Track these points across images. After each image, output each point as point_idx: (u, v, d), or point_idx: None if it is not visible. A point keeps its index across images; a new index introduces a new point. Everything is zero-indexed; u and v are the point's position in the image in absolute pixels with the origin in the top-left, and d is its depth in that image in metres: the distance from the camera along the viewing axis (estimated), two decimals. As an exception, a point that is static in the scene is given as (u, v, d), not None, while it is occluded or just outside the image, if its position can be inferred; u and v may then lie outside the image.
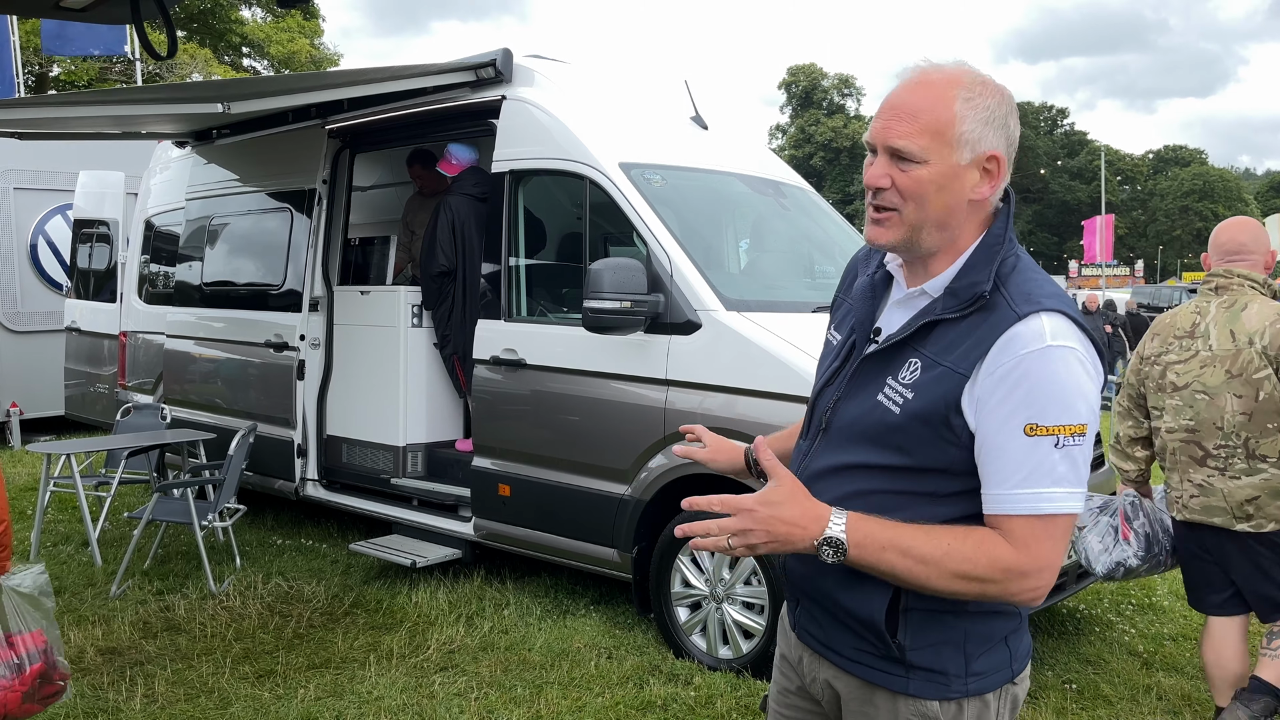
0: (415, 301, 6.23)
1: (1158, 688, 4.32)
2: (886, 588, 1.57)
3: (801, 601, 1.77)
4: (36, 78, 24.99)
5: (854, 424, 1.64)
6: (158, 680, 4.30)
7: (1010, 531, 1.49)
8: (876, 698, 1.65)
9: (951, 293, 1.57)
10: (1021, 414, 1.47)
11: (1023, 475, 1.48)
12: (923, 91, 1.55)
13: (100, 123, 6.85)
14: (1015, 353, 1.48)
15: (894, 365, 1.60)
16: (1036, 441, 1.46)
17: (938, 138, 1.53)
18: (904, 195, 1.55)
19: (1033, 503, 1.48)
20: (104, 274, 9.52)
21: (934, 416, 1.53)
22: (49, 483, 6.45)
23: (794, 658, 1.84)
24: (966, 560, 1.48)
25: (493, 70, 5.48)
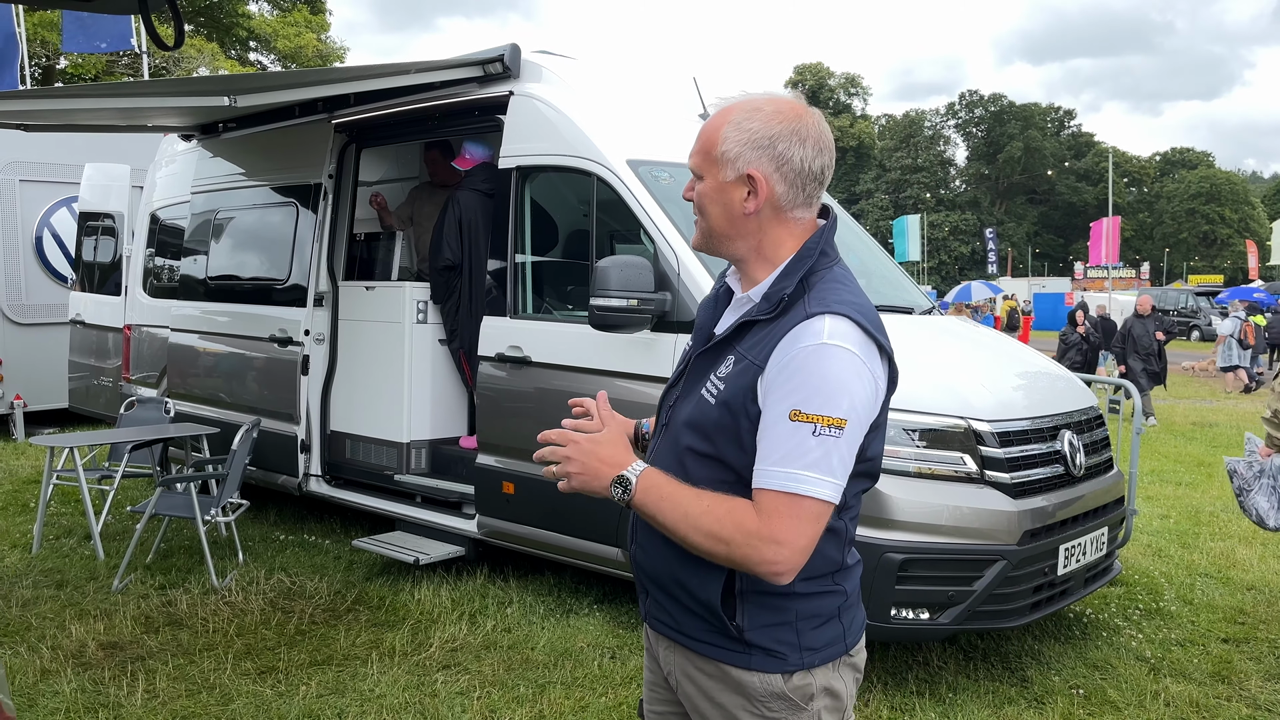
0: (420, 297, 6.20)
1: (1165, 694, 4.29)
2: (720, 572, 1.71)
3: (650, 591, 1.89)
4: (43, 70, 25.01)
5: (686, 417, 1.79)
6: (159, 676, 4.28)
7: (760, 503, 1.63)
8: (729, 676, 1.78)
9: (765, 298, 1.76)
10: (790, 400, 1.62)
11: (781, 455, 1.62)
12: (710, 120, 1.81)
13: (106, 115, 6.84)
14: (797, 346, 1.64)
15: (716, 363, 1.77)
16: (797, 426, 1.61)
17: (708, 157, 1.78)
18: (695, 206, 1.82)
19: (783, 480, 1.61)
20: (109, 267, 9.51)
21: (736, 405, 1.70)
22: (52, 476, 6.44)
23: (654, 650, 1.95)
24: (717, 520, 1.63)
25: (500, 66, 5.45)
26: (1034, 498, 4.23)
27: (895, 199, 76.02)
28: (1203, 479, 9.28)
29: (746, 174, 1.74)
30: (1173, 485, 8.93)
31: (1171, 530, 7.17)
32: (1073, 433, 4.56)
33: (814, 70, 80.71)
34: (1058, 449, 4.43)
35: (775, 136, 1.73)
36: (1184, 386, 19.23)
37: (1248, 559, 6.41)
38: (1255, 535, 7.09)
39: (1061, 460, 4.43)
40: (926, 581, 3.97)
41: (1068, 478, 4.44)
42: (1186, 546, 6.73)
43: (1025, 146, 78.90)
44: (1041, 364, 5.21)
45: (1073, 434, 4.55)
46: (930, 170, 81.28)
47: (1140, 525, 7.12)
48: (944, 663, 4.56)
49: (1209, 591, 5.73)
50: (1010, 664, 4.58)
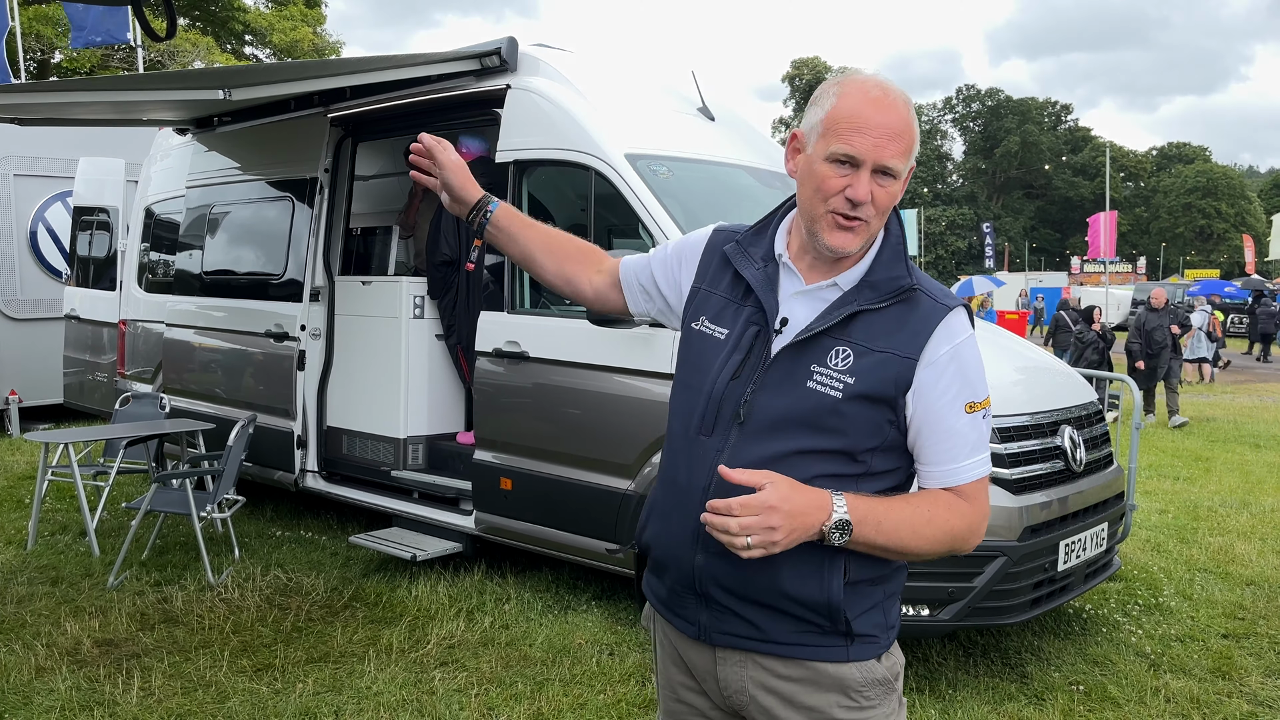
0: (417, 292, 6.17)
1: (1165, 690, 4.27)
2: (838, 568, 1.67)
3: (727, 605, 1.73)
4: (39, 64, 24.90)
5: (786, 413, 1.68)
6: (155, 673, 4.25)
7: (964, 493, 1.71)
8: (822, 675, 1.72)
9: (869, 285, 1.71)
10: (963, 395, 1.69)
11: (971, 446, 1.71)
12: (899, 112, 1.66)
13: (101, 109, 6.79)
14: (953, 341, 1.68)
15: (815, 354, 1.69)
16: (973, 418, 1.71)
17: (908, 156, 1.68)
18: (878, 209, 1.68)
19: (980, 468, 1.73)
20: (104, 262, 9.46)
21: (881, 398, 1.66)
22: (47, 471, 6.41)
23: (702, 670, 1.81)
24: (945, 524, 1.68)
25: (497, 59, 5.41)
26: (1034, 493, 4.21)
27: (892, 193, 75.74)
28: (1201, 474, 9.27)
29: (912, 167, 1.71)
30: (1171, 480, 8.93)
31: (1170, 525, 7.16)
32: (1073, 428, 4.54)
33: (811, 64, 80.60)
34: (1058, 445, 4.41)
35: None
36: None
37: (1247, 554, 6.40)
38: (1254, 530, 7.08)
39: (1061, 456, 4.41)
40: (926, 578, 3.95)
41: (1068, 473, 4.43)
42: (1185, 541, 6.72)
43: (1022, 141, 78.88)
44: (1040, 359, 5.20)
45: (1073, 429, 4.53)
46: (927, 164, 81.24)
47: (1139, 520, 7.12)
48: (944, 659, 4.55)
49: (1208, 587, 5.72)
50: (1010, 660, 4.57)
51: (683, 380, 1.83)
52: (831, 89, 1.70)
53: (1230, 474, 9.28)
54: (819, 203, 1.68)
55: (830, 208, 1.67)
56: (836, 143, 1.64)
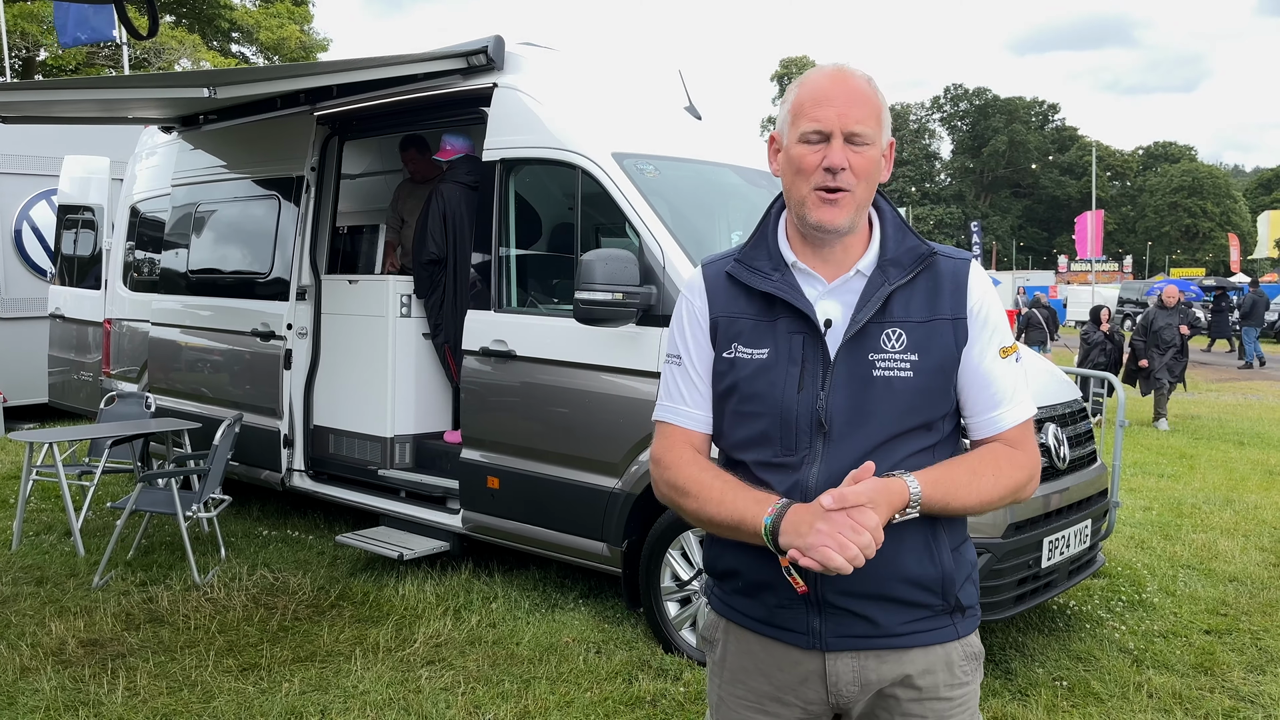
0: (404, 291, 6.16)
1: (1148, 685, 4.31)
2: (942, 540, 1.74)
3: (826, 611, 1.74)
4: (24, 62, 24.74)
5: (865, 408, 1.70)
6: (140, 673, 4.24)
7: (1013, 439, 1.77)
8: (933, 657, 1.76)
9: (893, 263, 1.75)
10: (995, 340, 1.76)
11: (1012, 389, 1.78)
12: (857, 82, 1.72)
13: (86, 107, 6.76)
14: (980, 293, 1.76)
15: (868, 343, 1.72)
16: (1009, 361, 1.78)
17: (877, 122, 1.72)
18: (858, 175, 1.70)
19: (1026, 409, 1.80)
20: (89, 260, 9.42)
21: (949, 363, 1.74)
22: (31, 471, 6.38)
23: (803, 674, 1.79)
24: (1010, 478, 1.73)
25: (484, 58, 5.41)
26: (1018, 491, 4.23)
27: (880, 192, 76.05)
28: (1185, 471, 9.33)
29: (889, 143, 1.78)
30: (1155, 477, 8.98)
31: (1154, 522, 7.21)
32: (1056, 426, 4.57)
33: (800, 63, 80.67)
34: (1042, 442, 4.44)
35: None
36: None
37: (1230, 550, 6.45)
38: (1237, 527, 7.14)
39: (1045, 453, 4.44)
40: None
41: (1051, 471, 4.45)
42: (1169, 538, 6.76)
43: (1010, 140, 79.20)
44: (1024, 356, 5.22)
45: (1056, 427, 4.56)
46: (915, 164, 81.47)
47: (1123, 517, 7.16)
48: (929, 656, 4.57)
49: (1191, 583, 5.76)
50: (994, 656, 4.59)
51: (735, 410, 1.79)
52: (794, 84, 1.78)
53: (1214, 471, 9.35)
54: (802, 184, 1.72)
55: (812, 185, 1.70)
56: (804, 122, 1.70)
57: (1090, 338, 13.22)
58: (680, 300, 1.89)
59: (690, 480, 1.78)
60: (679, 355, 1.87)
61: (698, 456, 1.83)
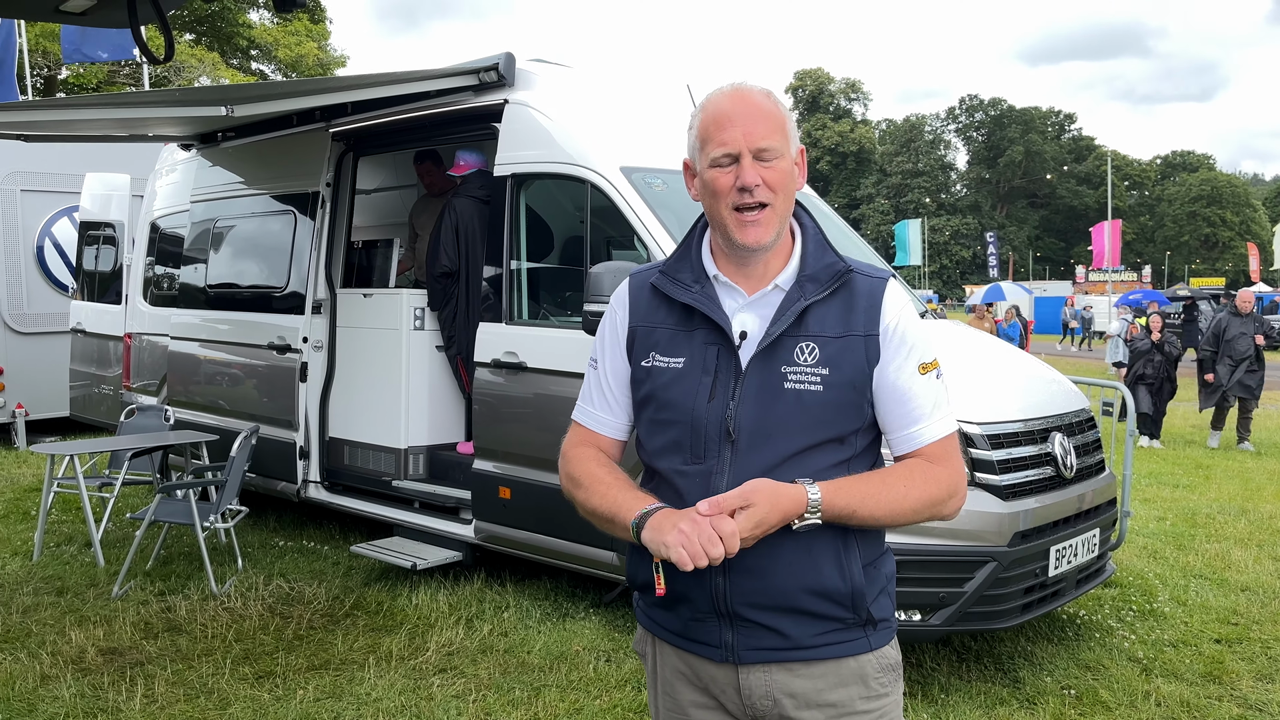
0: (417, 304, 6.24)
1: (1157, 694, 4.31)
2: (854, 553, 1.74)
3: (755, 620, 1.74)
4: (45, 80, 25.11)
5: (777, 420, 1.71)
6: (158, 680, 4.32)
7: (934, 455, 1.77)
8: (844, 670, 1.76)
9: (810, 278, 1.77)
10: (914, 357, 1.76)
11: (932, 404, 1.77)
12: (756, 99, 1.75)
13: (106, 125, 6.89)
14: (895, 312, 1.76)
15: (782, 356, 1.73)
16: (928, 377, 1.77)
17: (783, 135, 1.74)
18: (774, 189, 1.72)
19: (946, 425, 1.79)
20: (109, 276, 9.55)
21: (860, 378, 1.74)
22: (53, 484, 6.48)
23: (721, 686, 1.81)
24: (924, 490, 1.73)
25: (495, 74, 5.50)
26: (1025, 499, 4.26)
27: (896, 204, 76.11)
28: (1200, 481, 9.30)
29: (800, 149, 1.80)
30: (1170, 488, 8.95)
31: (1168, 532, 7.19)
32: (1063, 435, 4.59)
33: (814, 75, 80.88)
34: (1048, 451, 4.46)
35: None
36: (1181, 389, 19.19)
37: (1243, 560, 6.43)
38: (1251, 537, 7.11)
39: (1052, 462, 4.46)
40: (917, 583, 4.00)
41: (1058, 479, 4.48)
42: (1182, 548, 6.75)
43: (1026, 150, 79.01)
44: (1032, 366, 5.25)
45: (1063, 436, 4.58)
46: (931, 174, 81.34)
47: (1136, 527, 7.15)
48: (936, 664, 4.59)
49: (1203, 593, 5.75)
50: (1003, 665, 4.61)
51: (650, 418, 1.82)
52: (696, 110, 1.80)
53: (1230, 481, 9.31)
54: (720, 206, 1.74)
55: (729, 205, 1.73)
56: (712, 147, 1.73)
57: (1138, 346, 12.01)
58: (607, 309, 1.93)
59: (585, 474, 1.87)
60: (596, 361, 1.93)
61: (598, 454, 1.91)
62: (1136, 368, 11.80)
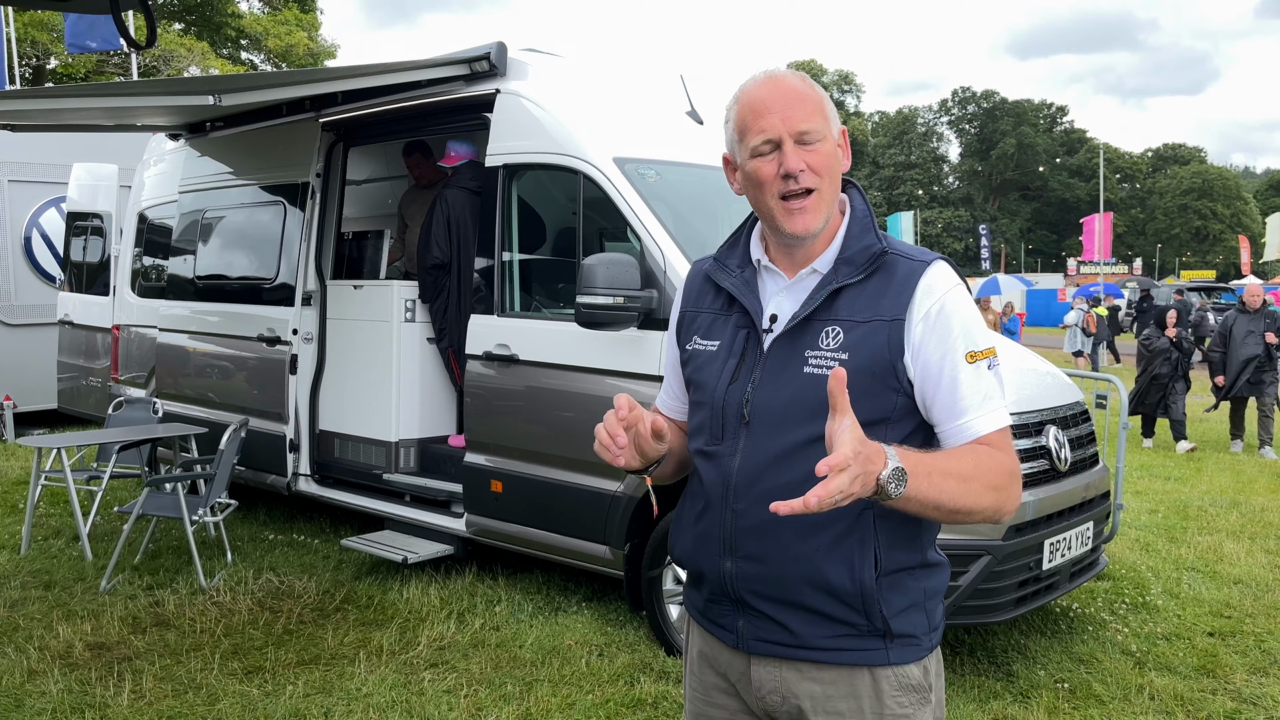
0: (408, 296, 6.20)
1: (1150, 687, 4.30)
2: (868, 554, 1.63)
3: (761, 609, 1.71)
4: (34, 70, 24.91)
5: (789, 404, 1.66)
6: (146, 676, 4.28)
7: (990, 444, 1.63)
8: (857, 680, 1.68)
9: (846, 261, 1.70)
10: (960, 345, 1.64)
11: (982, 396, 1.64)
12: (792, 82, 1.70)
13: (94, 115, 6.81)
14: (937, 293, 1.65)
15: (807, 339, 1.68)
16: (978, 367, 1.65)
17: (823, 116, 1.69)
18: (819, 173, 1.67)
19: (997, 417, 1.65)
20: (97, 267, 9.48)
21: (879, 365, 1.64)
22: (40, 476, 6.42)
23: (737, 674, 1.79)
24: (991, 471, 1.60)
25: (486, 64, 5.45)
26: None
27: (889, 196, 76.18)
28: (1192, 473, 9.31)
29: (841, 130, 1.73)
30: (1162, 480, 8.96)
31: (1160, 525, 7.20)
32: (1057, 428, 4.57)
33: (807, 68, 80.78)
34: (1042, 444, 4.44)
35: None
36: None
37: (1235, 553, 6.43)
38: (1243, 529, 7.12)
39: (1046, 455, 4.44)
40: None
41: (1052, 473, 4.46)
42: (1174, 541, 6.75)
43: (1018, 143, 79.07)
44: (1026, 359, 5.23)
45: (1057, 429, 4.56)
46: (923, 167, 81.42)
47: (1128, 520, 7.15)
48: (931, 658, 4.57)
49: (1196, 586, 5.75)
50: (996, 658, 4.60)
51: (694, 401, 1.84)
52: (731, 102, 1.76)
53: (1221, 474, 9.32)
54: (767, 196, 1.70)
55: (775, 194, 1.68)
56: (752, 136, 1.68)
57: (1153, 344, 10.97)
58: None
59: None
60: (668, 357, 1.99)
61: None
62: (1154, 367, 10.92)
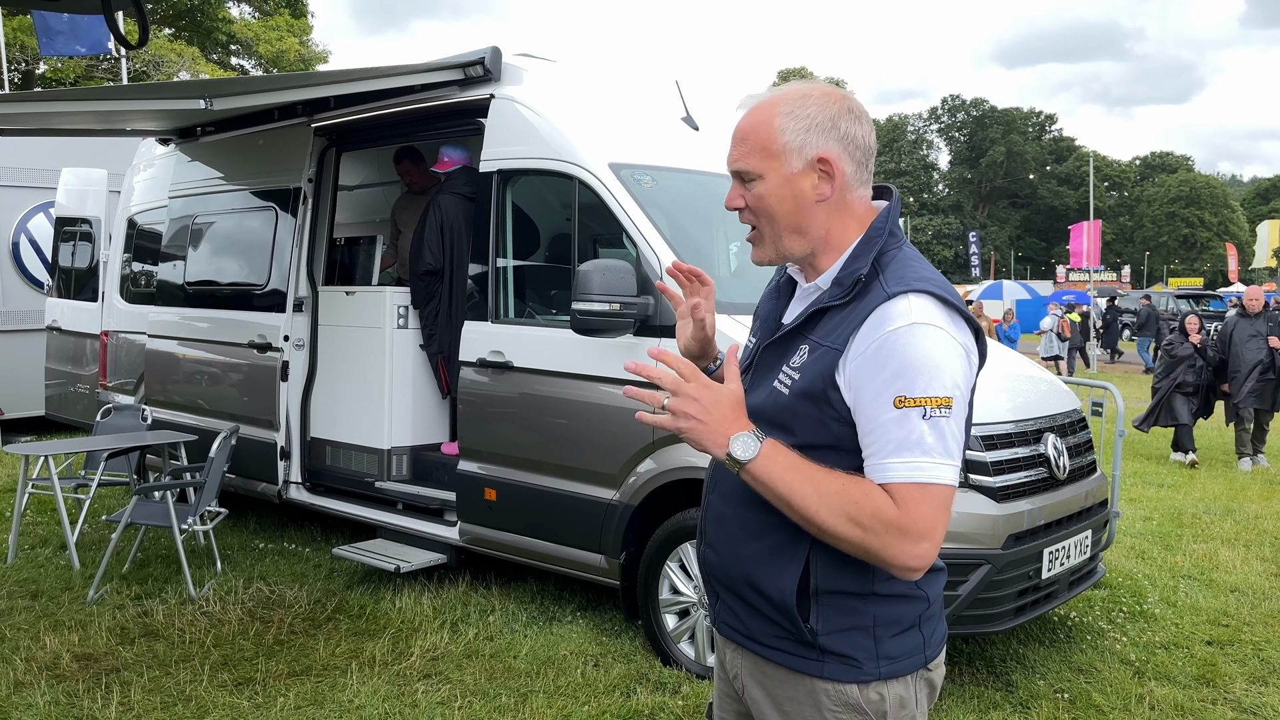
0: (401, 302, 6.15)
1: (1150, 697, 4.28)
2: (797, 566, 1.65)
3: (721, 595, 1.82)
4: (23, 75, 24.79)
5: (758, 411, 1.68)
6: (134, 688, 4.21)
7: (891, 495, 1.55)
8: (797, 684, 1.71)
9: (836, 282, 1.70)
10: (892, 387, 1.55)
11: (896, 444, 1.55)
12: (750, 117, 1.72)
13: (83, 119, 6.74)
14: (882, 329, 1.58)
15: (788, 353, 1.71)
16: (905, 413, 1.54)
17: (765, 153, 1.69)
18: (755, 212, 1.72)
19: (906, 471, 1.54)
20: (86, 273, 9.40)
21: (815, 393, 1.64)
22: (27, 484, 6.34)
23: (723, 656, 1.90)
24: (855, 503, 1.54)
25: (481, 69, 5.41)
26: (1018, 501, 4.21)
27: (879, 203, 76.12)
28: (1184, 481, 9.31)
29: (818, 158, 1.68)
30: (1154, 487, 8.96)
31: (1154, 532, 7.18)
32: (1056, 436, 4.55)
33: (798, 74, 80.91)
34: (1041, 452, 4.42)
35: (835, 116, 1.69)
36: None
37: (1231, 560, 6.42)
38: (1238, 537, 7.11)
39: (1045, 464, 4.42)
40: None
41: (1051, 481, 4.43)
42: (1169, 549, 6.74)
43: (1007, 151, 79.42)
44: (1024, 368, 5.21)
45: (1056, 437, 4.54)
46: (913, 174, 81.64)
47: (1123, 528, 7.14)
48: (929, 668, 4.54)
49: (1192, 594, 5.73)
50: (995, 668, 4.56)
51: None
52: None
53: (1214, 481, 9.32)
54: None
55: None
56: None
57: (1176, 351, 10.49)
58: None
59: None
60: None
61: None
62: (1178, 374, 10.37)
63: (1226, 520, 7.64)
